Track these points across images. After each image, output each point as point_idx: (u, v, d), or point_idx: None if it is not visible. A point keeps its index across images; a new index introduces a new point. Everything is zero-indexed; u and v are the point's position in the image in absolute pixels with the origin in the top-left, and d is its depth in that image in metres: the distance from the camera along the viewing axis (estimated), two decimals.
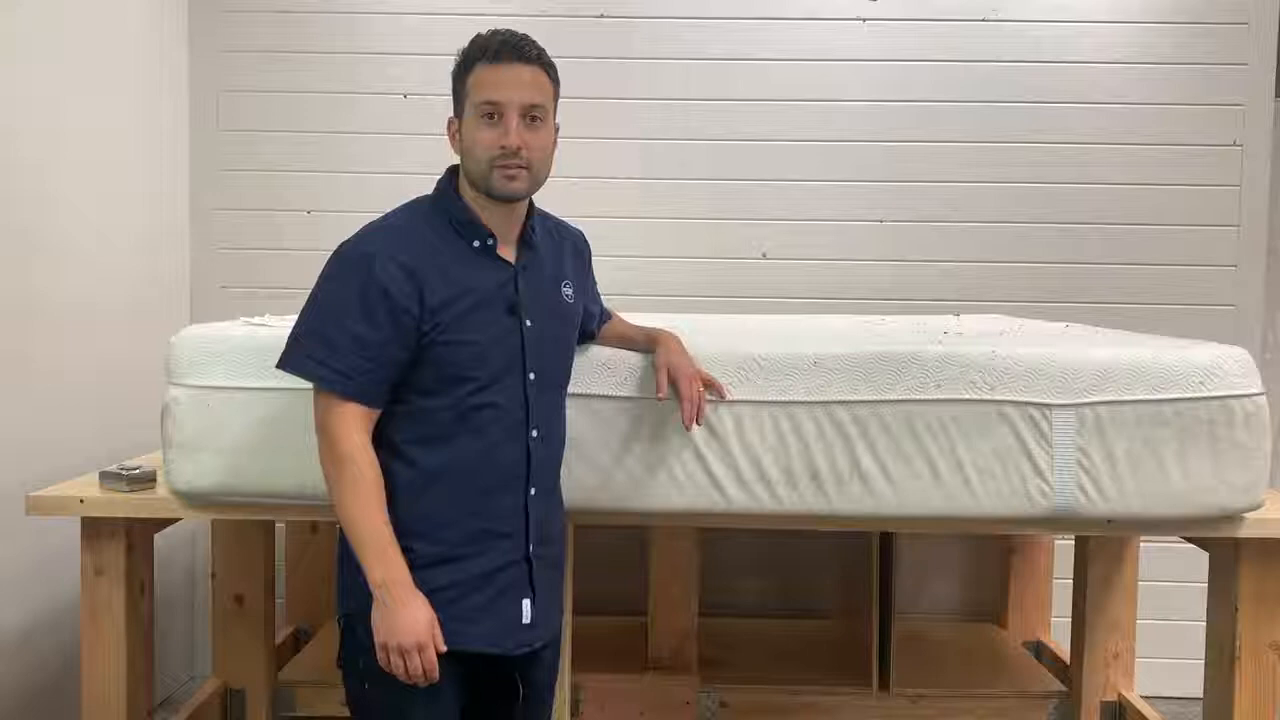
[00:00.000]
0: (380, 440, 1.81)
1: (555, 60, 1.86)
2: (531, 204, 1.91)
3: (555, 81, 1.86)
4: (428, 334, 1.77)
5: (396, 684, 1.77)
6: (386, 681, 1.77)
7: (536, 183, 1.84)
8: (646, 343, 2.18)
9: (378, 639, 1.74)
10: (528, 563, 1.87)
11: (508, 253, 1.87)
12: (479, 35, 1.82)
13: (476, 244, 1.84)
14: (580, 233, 2.09)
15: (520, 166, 1.78)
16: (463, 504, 1.82)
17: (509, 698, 1.91)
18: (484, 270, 1.83)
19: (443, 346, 1.78)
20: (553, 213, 2.04)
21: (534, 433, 1.86)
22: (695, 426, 2.12)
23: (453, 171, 1.90)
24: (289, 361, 1.80)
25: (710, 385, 2.16)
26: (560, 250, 1.99)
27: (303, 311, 1.82)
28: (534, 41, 1.83)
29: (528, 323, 1.85)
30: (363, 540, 1.74)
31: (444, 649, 1.75)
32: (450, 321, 1.77)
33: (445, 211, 1.85)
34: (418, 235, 1.81)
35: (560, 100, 1.90)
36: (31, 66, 2.86)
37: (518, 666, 1.90)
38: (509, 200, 1.83)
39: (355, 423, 1.76)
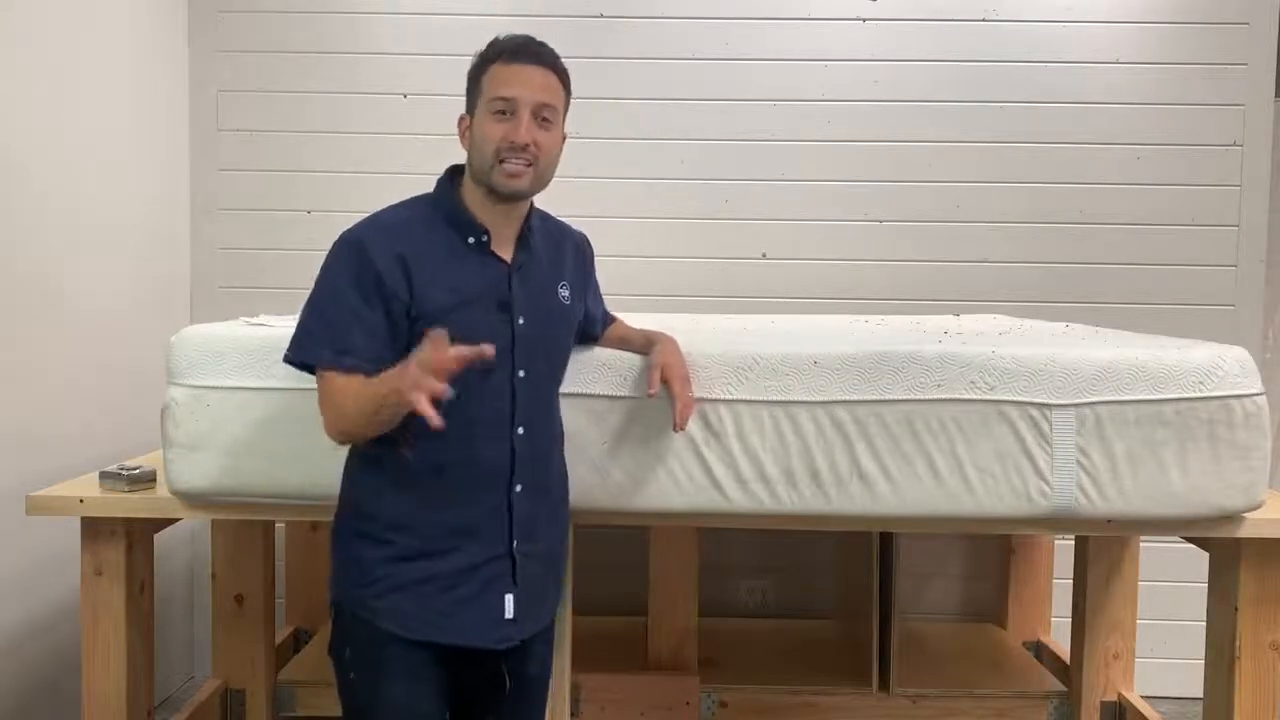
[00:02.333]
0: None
1: None
2: (531, 205, 1.92)
3: (568, 90, 1.88)
4: (416, 322, 1.78)
5: (379, 671, 1.80)
6: (369, 669, 1.80)
7: (540, 183, 1.85)
8: (644, 344, 2.19)
9: (408, 398, 1.61)
10: (511, 558, 1.87)
11: (504, 251, 1.87)
12: (498, 37, 1.85)
13: (471, 240, 1.85)
14: (583, 235, 2.10)
15: (526, 164, 1.79)
16: (446, 498, 1.83)
17: (496, 692, 1.91)
18: (477, 266, 1.84)
19: None
20: (553, 213, 2.04)
21: (519, 430, 1.86)
22: (683, 429, 2.10)
23: (453, 171, 1.91)
24: (292, 350, 1.83)
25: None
26: (560, 252, 2.00)
27: (304, 304, 1.84)
28: (551, 49, 1.85)
29: (520, 321, 1.86)
30: (371, 399, 1.71)
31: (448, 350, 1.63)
32: (437, 313, 1.78)
33: (442, 208, 1.87)
34: (413, 228, 1.84)
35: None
36: (31, 66, 2.86)
37: (504, 660, 1.90)
38: (510, 198, 1.83)
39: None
